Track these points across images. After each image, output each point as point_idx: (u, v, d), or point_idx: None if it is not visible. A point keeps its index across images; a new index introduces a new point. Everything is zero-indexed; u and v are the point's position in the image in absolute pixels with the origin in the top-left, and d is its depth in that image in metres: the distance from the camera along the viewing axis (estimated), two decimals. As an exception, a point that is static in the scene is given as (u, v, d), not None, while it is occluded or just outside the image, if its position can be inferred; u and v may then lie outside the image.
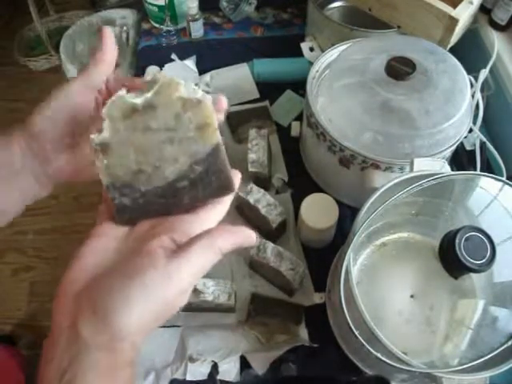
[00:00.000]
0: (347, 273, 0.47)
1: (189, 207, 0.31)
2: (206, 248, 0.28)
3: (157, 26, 1.09)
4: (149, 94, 0.29)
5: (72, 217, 1.60)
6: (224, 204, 0.32)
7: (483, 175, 0.51)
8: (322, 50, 0.91)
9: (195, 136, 0.30)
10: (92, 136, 0.30)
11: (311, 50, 0.94)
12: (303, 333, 0.65)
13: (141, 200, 0.31)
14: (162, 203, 0.31)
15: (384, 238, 0.62)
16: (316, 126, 0.69)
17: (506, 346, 0.43)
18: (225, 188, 0.31)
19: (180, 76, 0.31)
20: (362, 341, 0.44)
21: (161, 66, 0.97)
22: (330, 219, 0.67)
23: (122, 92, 0.30)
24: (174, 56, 1.00)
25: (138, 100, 0.29)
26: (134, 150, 0.30)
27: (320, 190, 0.73)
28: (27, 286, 1.46)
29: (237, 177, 0.32)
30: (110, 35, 0.36)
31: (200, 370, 0.62)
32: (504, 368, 0.44)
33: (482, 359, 0.42)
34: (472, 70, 0.75)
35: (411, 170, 0.54)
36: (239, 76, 0.96)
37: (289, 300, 0.68)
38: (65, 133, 0.34)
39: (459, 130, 0.65)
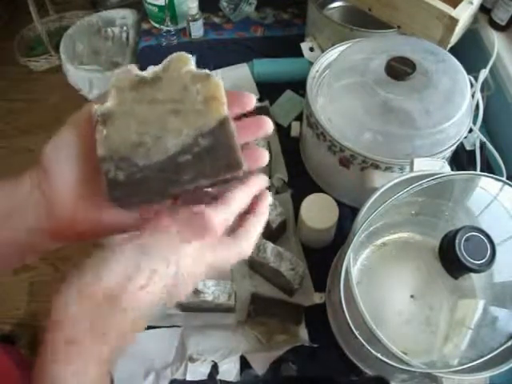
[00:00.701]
0: (347, 273, 0.47)
1: (189, 186, 0.29)
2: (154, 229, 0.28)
3: (157, 26, 1.09)
4: (158, 68, 0.29)
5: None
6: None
7: (483, 175, 0.51)
8: (322, 50, 0.91)
9: (202, 109, 0.29)
10: (96, 106, 0.29)
11: (311, 50, 0.94)
12: (303, 333, 0.65)
13: (137, 175, 0.29)
14: (159, 179, 0.29)
15: (384, 238, 0.62)
16: (316, 126, 0.69)
17: (506, 346, 0.43)
18: (233, 165, 0.28)
19: None
20: (362, 341, 0.44)
21: (161, 66, 0.97)
22: (330, 219, 0.67)
23: (132, 66, 0.30)
24: (174, 56, 1.00)
25: (147, 73, 0.29)
26: (136, 121, 0.29)
27: (320, 190, 0.73)
28: (27, 286, 1.46)
29: (263, 155, 0.31)
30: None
31: (200, 370, 0.62)
32: (504, 368, 0.44)
33: (482, 359, 0.42)
34: (472, 70, 0.75)
35: (411, 170, 0.54)
36: (239, 76, 0.96)
37: (289, 300, 0.68)
38: (77, 168, 0.30)
39: (459, 130, 0.65)
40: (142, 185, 0.29)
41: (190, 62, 0.29)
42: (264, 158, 0.31)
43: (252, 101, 0.32)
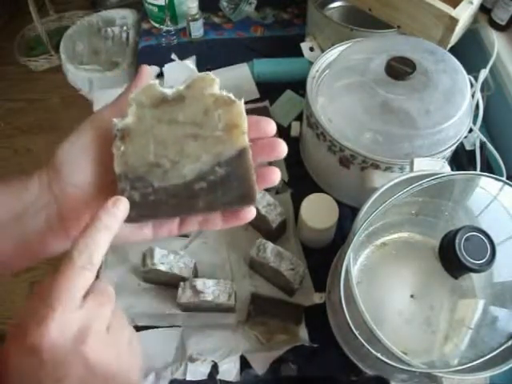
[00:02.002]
0: (347, 273, 0.47)
1: (201, 213, 0.29)
2: None
3: (157, 26, 1.09)
4: (181, 87, 0.29)
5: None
6: None
7: (483, 175, 0.51)
8: (322, 50, 0.91)
9: (222, 136, 0.28)
10: (115, 120, 0.28)
11: (311, 49, 0.94)
12: (303, 333, 0.65)
13: (152, 197, 0.29)
14: (173, 204, 0.29)
15: (384, 238, 0.62)
16: (316, 126, 0.69)
17: (506, 346, 0.43)
18: (246, 197, 0.29)
19: (180, 76, 0.31)
20: (362, 341, 0.44)
21: (161, 66, 0.97)
22: (330, 219, 0.67)
23: (155, 81, 0.29)
24: (174, 56, 1.00)
25: (169, 91, 0.29)
26: (154, 141, 0.28)
27: (320, 190, 0.73)
28: (27, 286, 1.46)
29: (276, 173, 0.30)
30: (146, 72, 0.33)
31: (200, 370, 0.62)
32: (504, 368, 0.44)
33: (482, 359, 0.42)
34: (472, 70, 0.75)
35: (411, 170, 0.54)
36: (239, 76, 0.96)
37: (289, 300, 0.68)
38: (91, 172, 0.30)
39: (459, 130, 0.65)
40: (155, 207, 0.29)
41: (215, 84, 0.29)
42: (276, 176, 0.30)
43: (272, 127, 0.30)
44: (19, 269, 0.33)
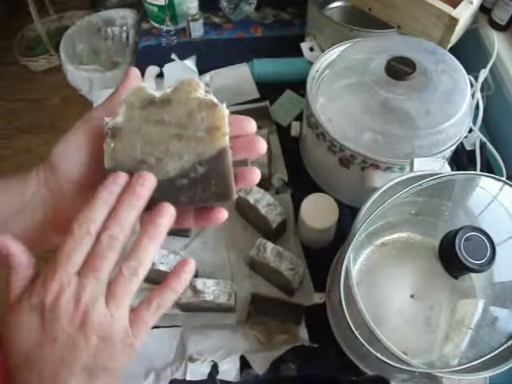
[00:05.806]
0: (347, 273, 0.47)
1: (183, 208, 0.31)
2: None
3: (157, 25, 1.09)
4: (168, 90, 0.31)
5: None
6: None
7: (483, 175, 0.51)
8: (322, 50, 0.91)
9: (204, 136, 0.30)
10: (106, 119, 0.31)
11: (311, 49, 0.94)
12: (303, 333, 0.65)
13: None
14: (156, 197, 0.31)
15: (384, 238, 0.62)
16: (316, 126, 0.69)
17: (506, 345, 0.44)
18: (223, 195, 0.31)
19: (180, 76, 0.32)
20: (362, 341, 0.44)
21: (161, 66, 0.97)
22: (330, 219, 0.67)
23: (144, 84, 0.31)
24: (174, 56, 1.00)
25: (158, 93, 0.31)
26: (142, 140, 0.31)
27: (320, 190, 0.73)
28: (27, 286, 1.46)
29: (255, 173, 0.32)
30: (134, 74, 0.35)
31: (200, 370, 0.62)
32: (504, 368, 0.44)
33: (482, 359, 0.42)
34: (472, 69, 0.75)
35: (411, 170, 0.54)
36: (239, 76, 0.96)
37: (289, 300, 0.68)
38: (84, 168, 0.32)
39: (459, 130, 0.65)
40: None
41: (200, 87, 0.31)
42: (255, 176, 0.32)
43: (252, 126, 0.33)
44: None
